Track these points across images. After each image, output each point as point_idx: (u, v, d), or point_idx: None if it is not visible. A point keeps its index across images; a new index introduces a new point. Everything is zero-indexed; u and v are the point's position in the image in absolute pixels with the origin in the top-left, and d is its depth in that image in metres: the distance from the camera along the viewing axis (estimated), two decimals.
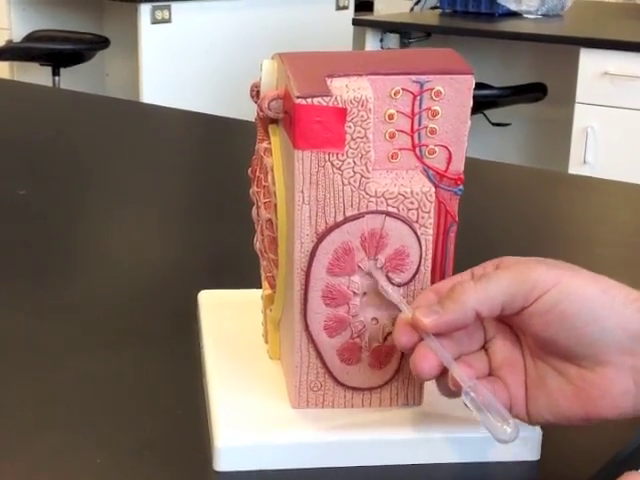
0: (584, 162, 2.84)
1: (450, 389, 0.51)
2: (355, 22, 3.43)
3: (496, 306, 0.50)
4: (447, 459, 0.55)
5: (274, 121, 0.58)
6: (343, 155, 0.52)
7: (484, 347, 0.53)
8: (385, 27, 3.24)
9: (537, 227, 1.01)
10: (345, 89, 0.52)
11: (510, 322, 0.53)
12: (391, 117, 0.54)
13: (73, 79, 3.83)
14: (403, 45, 3.21)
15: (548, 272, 0.50)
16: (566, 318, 0.50)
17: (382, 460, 0.55)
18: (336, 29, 3.90)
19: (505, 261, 0.53)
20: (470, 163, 0.56)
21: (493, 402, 0.49)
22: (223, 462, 0.54)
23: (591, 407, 0.51)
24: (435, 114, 0.54)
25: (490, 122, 3.17)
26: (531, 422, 0.52)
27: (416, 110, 0.54)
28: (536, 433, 0.55)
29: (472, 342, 0.53)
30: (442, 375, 0.51)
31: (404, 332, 0.52)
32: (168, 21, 3.46)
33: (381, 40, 3.21)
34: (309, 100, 0.51)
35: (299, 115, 0.51)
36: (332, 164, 0.52)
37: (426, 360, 0.51)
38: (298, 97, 0.51)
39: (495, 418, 0.48)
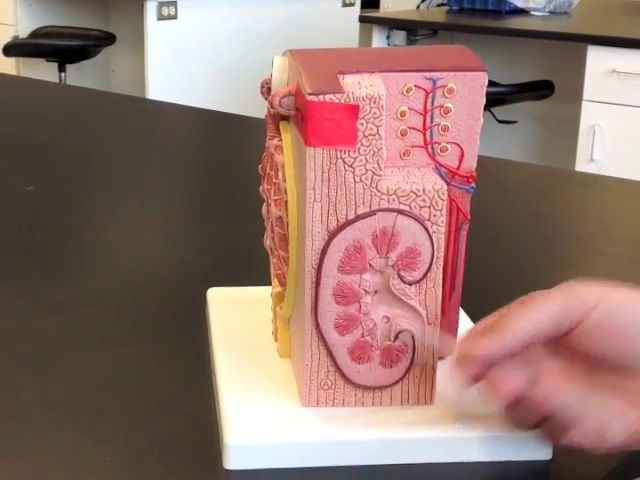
0: (591, 160, 2.83)
1: (529, 418, 0.51)
2: (362, 19, 3.43)
3: (545, 328, 0.50)
4: (460, 458, 0.55)
5: (285, 118, 0.57)
6: (355, 152, 0.52)
7: None
8: (392, 24, 3.24)
9: (545, 225, 1.00)
10: (357, 86, 0.51)
11: (557, 350, 0.52)
12: (403, 114, 0.53)
13: (79, 75, 3.84)
14: (410, 42, 3.20)
15: (590, 290, 0.50)
16: (616, 332, 0.49)
17: (393, 459, 0.54)
18: (342, 26, 3.90)
19: (532, 295, 0.52)
20: (477, 160, 0.56)
21: None
22: (233, 460, 0.53)
23: None
24: (447, 111, 0.54)
25: (497, 119, 3.16)
26: (610, 449, 0.51)
27: (428, 107, 0.54)
28: None
29: None
30: (517, 404, 0.51)
31: (466, 365, 0.51)
32: (174, 17, 3.46)
33: (388, 37, 3.21)
34: (321, 97, 0.51)
35: (311, 112, 0.51)
36: (344, 161, 0.52)
37: (510, 378, 0.50)
38: (310, 94, 0.51)
39: None
